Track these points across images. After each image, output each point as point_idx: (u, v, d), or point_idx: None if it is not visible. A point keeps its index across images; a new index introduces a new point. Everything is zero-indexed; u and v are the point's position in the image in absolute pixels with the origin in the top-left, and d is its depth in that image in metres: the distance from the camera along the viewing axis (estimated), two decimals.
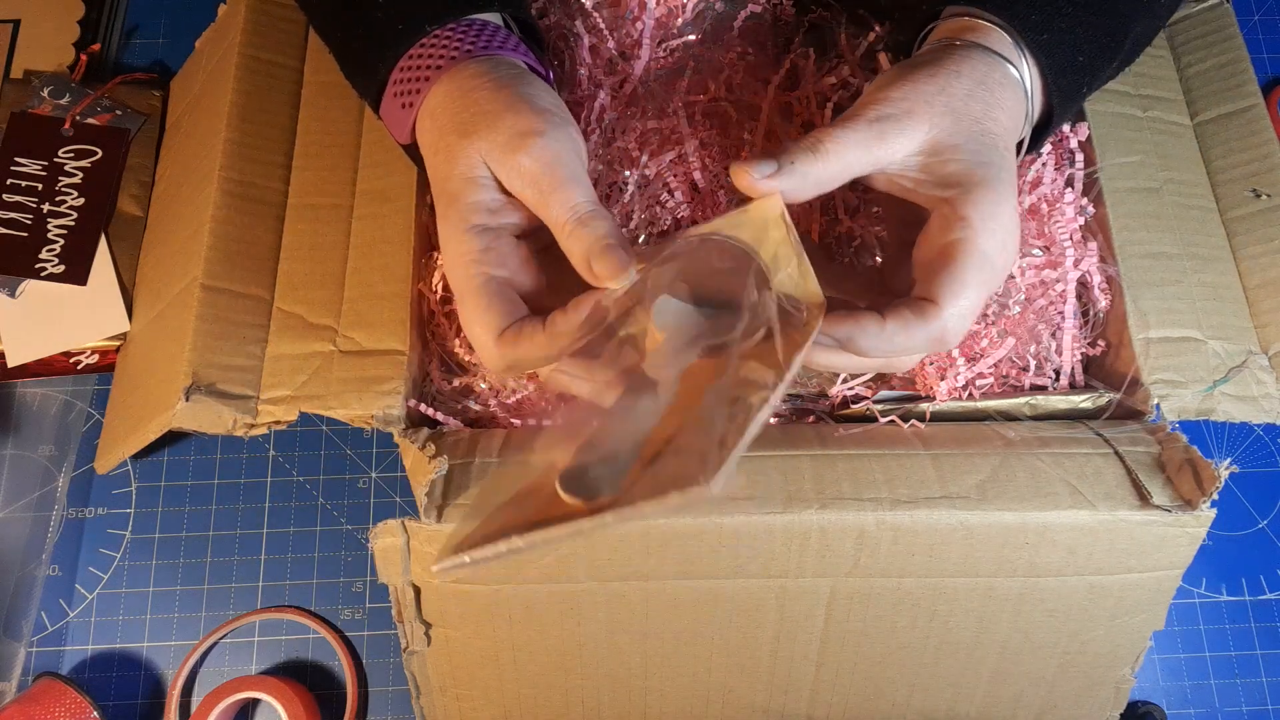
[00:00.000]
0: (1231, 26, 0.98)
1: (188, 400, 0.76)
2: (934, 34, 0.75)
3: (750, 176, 0.63)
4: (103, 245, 0.92)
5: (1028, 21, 0.71)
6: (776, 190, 0.64)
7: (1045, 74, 0.72)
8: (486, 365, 0.67)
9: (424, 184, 0.87)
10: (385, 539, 0.71)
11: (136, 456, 0.91)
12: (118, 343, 0.90)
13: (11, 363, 0.89)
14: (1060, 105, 0.74)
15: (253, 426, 0.78)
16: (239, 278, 0.82)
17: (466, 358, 0.83)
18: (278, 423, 0.78)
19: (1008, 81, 0.70)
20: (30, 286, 0.90)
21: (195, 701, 0.86)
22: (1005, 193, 0.65)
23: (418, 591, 0.74)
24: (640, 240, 0.85)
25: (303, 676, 0.88)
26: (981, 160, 0.66)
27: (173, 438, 0.91)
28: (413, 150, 0.76)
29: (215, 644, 0.88)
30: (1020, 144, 0.74)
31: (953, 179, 0.66)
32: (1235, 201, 0.91)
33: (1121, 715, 0.84)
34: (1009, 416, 0.83)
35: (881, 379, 0.86)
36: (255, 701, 0.86)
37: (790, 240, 0.64)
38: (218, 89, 0.91)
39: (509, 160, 0.65)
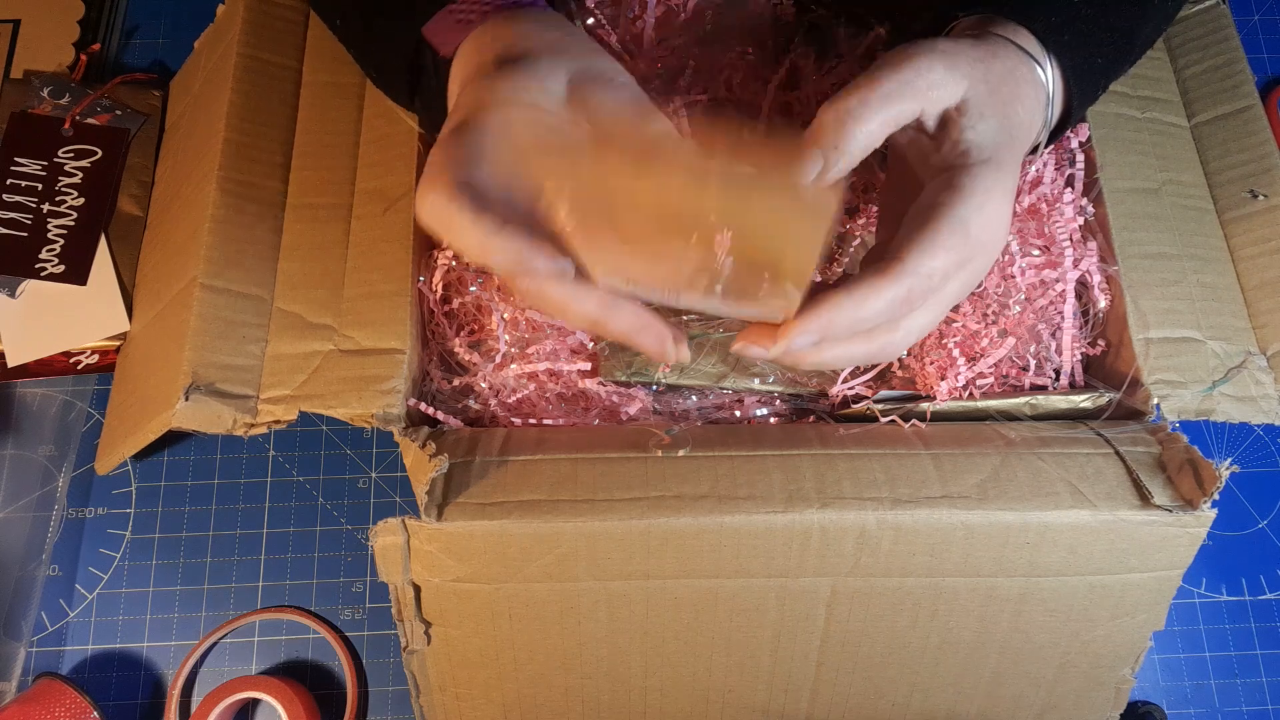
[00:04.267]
0: (1228, 28, 0.98)
1: (187, 400, 0.76)
2: (954, 31, 0.75)
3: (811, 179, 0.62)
4: (103, 245, 0.92)
5: (1048, 24, 0.71)
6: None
7: (1066, 75, 0.72)
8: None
9: None
10: (385, 537, 0.71)
11: (136, 456, 0.91)
12: (118, 343, 0.90)
13: (12, 363, 0.89)
14: (1078, 107, 0.74)
15: (252, 426, 0.77)
16: (238, 277, 0.82)
17: (466, 357, 0.83)
18: (278, 422, 0.77)
19: (1032, 81, 0.69)
20: (30, 286, 0.90)
21: (195, 701, 0.86)
22: (1006, 179, 0.64)
23: (418, 590, 0.74)
24: None
25: (303, 676, 0.88)
26: (997, 141, 0.65)
27: (173, 438, 0.91)
28: (443, 69, 0.73)
29: (215, 644, 0.88)
30: (1036, 146, 0.73)
31: (964, 149, 0.65)
32: (1233, 202, 0.91)
33: (1121, 715, 0.84)
34: (1009, 416, 0.83)
35: (881, 378, 0.86)
36: (255, 701, 0.86)
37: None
38: (216, 89, 0.91)
39: (605, 87, 0.66)
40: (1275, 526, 0.95)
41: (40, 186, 0.93)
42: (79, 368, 0.90)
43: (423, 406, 0.80)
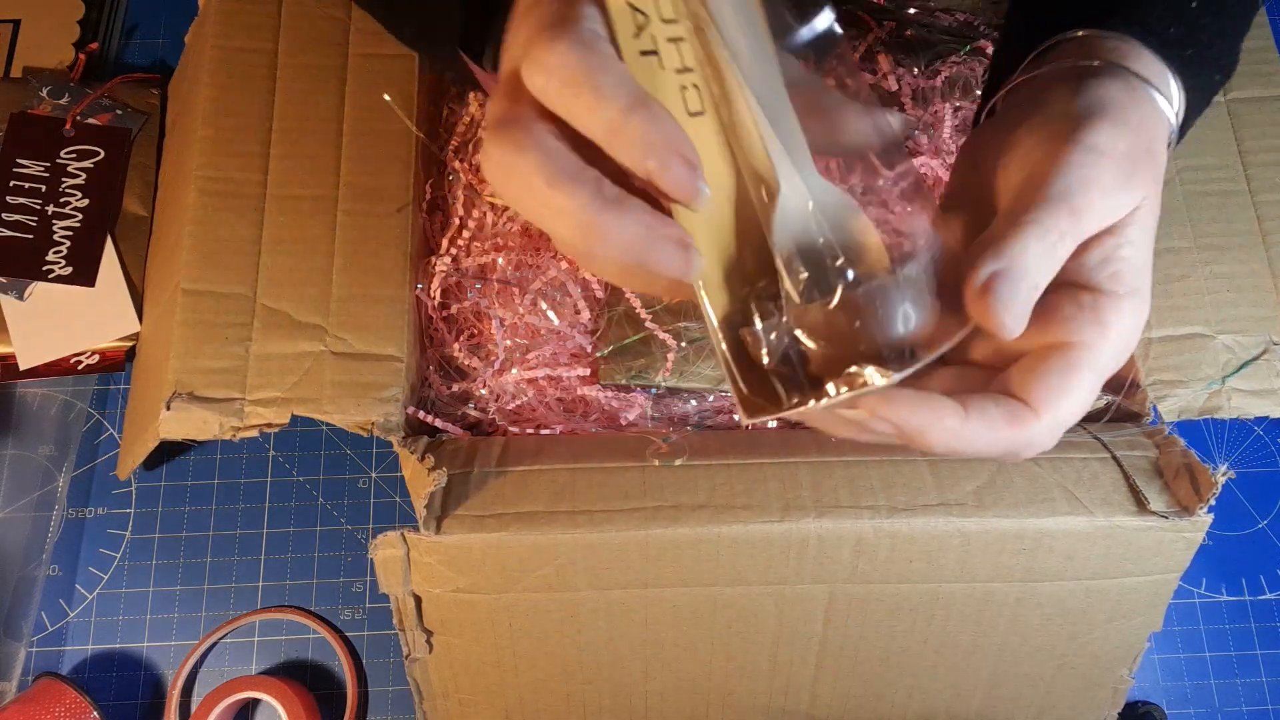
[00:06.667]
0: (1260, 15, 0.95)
1: (169, 410, 0.76)
2: (1057, 50, 0.61)
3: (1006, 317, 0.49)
4: (110, 246, 0.92)
5: (1167, 36, 0.59)
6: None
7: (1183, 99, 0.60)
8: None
9: (422, 185, 0.86)
10: (385, 550, 0.71)
11: None
12: (123, 343, 0.90)
13: (24, 365, 0.89)
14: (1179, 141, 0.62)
15: (239, 430, 0.77)
16: (218, 277, 0.81)
17: (466, 362, 0.83)
18: (269, 425, 0.77)
19: (1166, 133, 0.58)
20: (38, 289, 0.90)
21: (195, 701, 0.86)
22: (1146, 305, 0.54)
23: (418, 601, 0.74)
24: None
25: (303, 676, 0.88)
26: (1148, 263, 0.55)
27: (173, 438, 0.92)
28: None
29: (215, 644, 0.88)
30: None
31: (1115, 269, 0.54)
32: (1267, 185, 0.88)
33: (1121, 715, 0.85)
34: None
35: None
36: (255, 701, 0.86)
37: None
38: (197, 85, 0.90)
39: None
40: (1275, 526, 0.95)
41: (44, 188, 0.93)
42: (79, 368, 0.90)
43: (421, 415, 0.80)
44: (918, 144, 0.92)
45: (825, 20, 0.50)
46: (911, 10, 0.96)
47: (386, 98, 0.86)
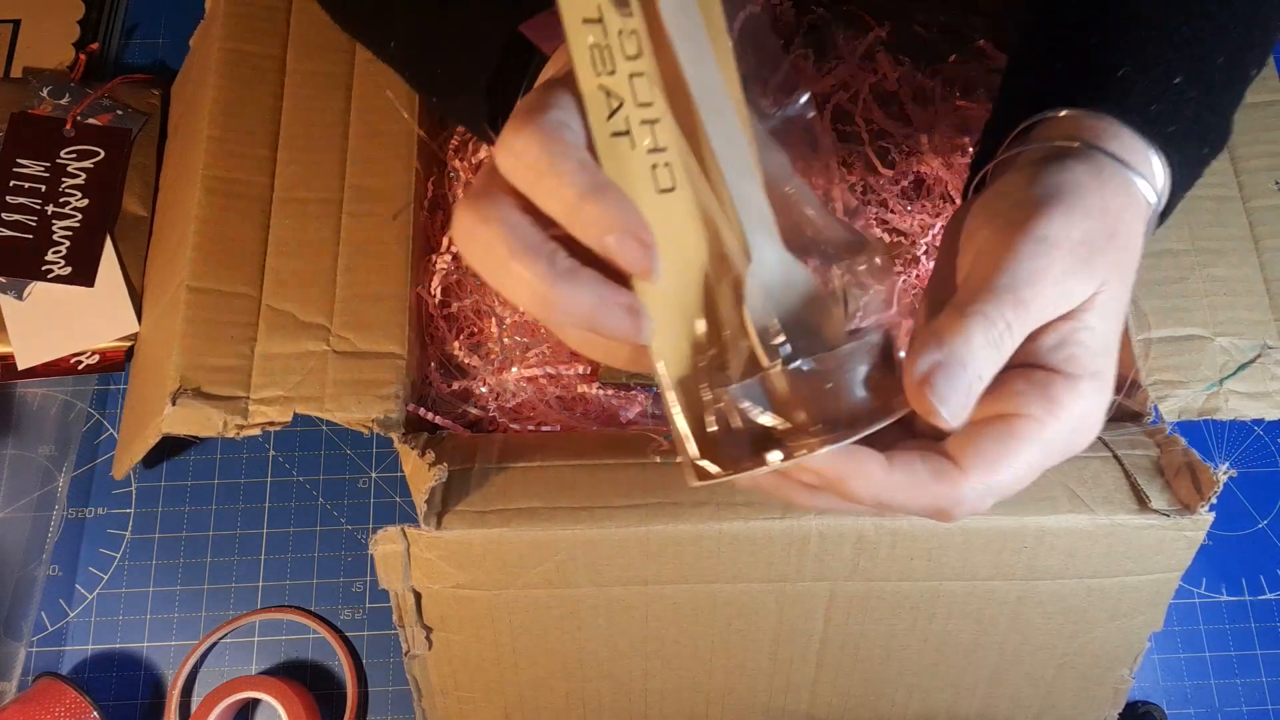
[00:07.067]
0: None
1: (174, 405, 0.76)
2: (1039, 129, 0.61)
3: (944, 409, 0.49)
4: (110, 246, 0.92)
5: (1148, 114, 0.58)
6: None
7: (1173, 176, 0.59)
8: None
9: (423, 184, 0.87)
10: (385, 546, 0.71)
11: None
12: (122, 343, 0.90)
13: (22, 365, 0.89)
14: (1169, 212, 0.62)
15: (244, 427, 0.77)
16: (225, 277, 0.82)
17: (466, 360, 0.83)
18: (271, 424, 0.77)
19: (1145, 217, 0.57)
20: (38, 289, 0.91)
21: (195, 701, 0.86)
22: (1107, 389, 0.53)
23: (418, 597, 0.74)
24: None
25: (303, 676, 0.88)
26: (1110, 346, 0.54)
27: (172, 438, 0.91)
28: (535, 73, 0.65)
29: (215, 644, 0.88)
30: None
31: (1070, 352, 0.52)
32: (1259, 191, 0.88)
33: (1121, 715, 0.85)
34: None
35: None
36: (255, 701, 0.86)
37: None
38: (203, 87, 0.90)
39: None
40: (1275, 526, 0.95)
41: (44, 188, 0.93)
42: (79, 368, 0.90)
43: (422, 412, 0.80)
44: (918, 144, 0.92)
45: (802, 105, 0.55)
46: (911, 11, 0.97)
47: (389, 94, 0.86)
